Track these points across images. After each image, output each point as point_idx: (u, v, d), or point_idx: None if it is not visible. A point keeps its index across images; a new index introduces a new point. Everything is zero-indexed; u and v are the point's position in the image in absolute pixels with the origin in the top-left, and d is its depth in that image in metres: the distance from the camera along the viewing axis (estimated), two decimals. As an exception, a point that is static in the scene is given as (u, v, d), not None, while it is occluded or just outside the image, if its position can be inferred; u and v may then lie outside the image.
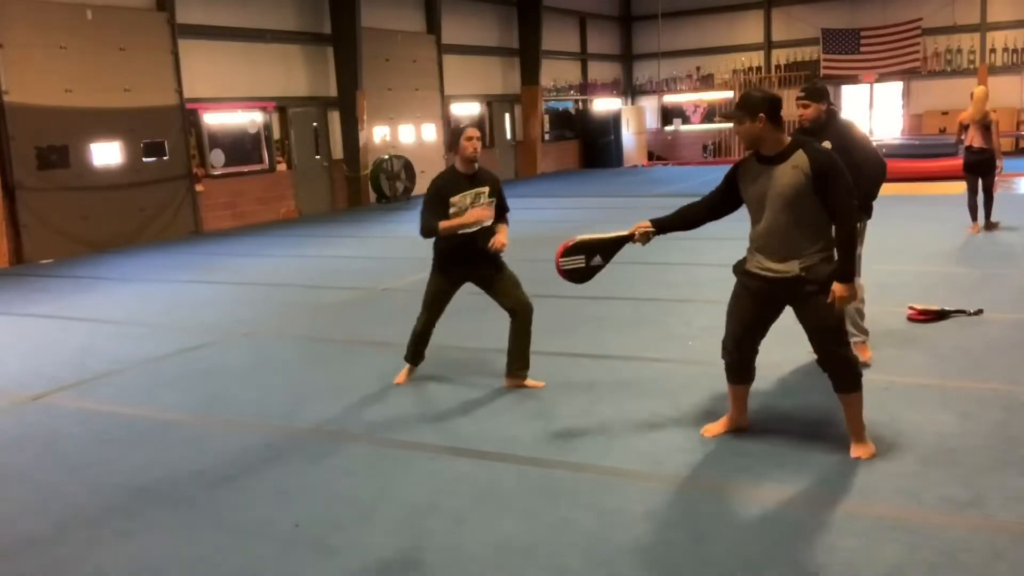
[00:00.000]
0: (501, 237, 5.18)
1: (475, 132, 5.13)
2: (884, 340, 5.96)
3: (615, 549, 3.36)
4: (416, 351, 5.50)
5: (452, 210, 5.08)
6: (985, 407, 4.66)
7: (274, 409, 5.25)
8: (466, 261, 5.21)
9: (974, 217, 10.64)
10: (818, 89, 5.35)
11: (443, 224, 5.06)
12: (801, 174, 3.86)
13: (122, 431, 5.03)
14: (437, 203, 5.12)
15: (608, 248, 4.42)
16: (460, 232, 5.09)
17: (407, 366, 5.55)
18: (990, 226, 10.57)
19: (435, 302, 5.35)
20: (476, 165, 5.19)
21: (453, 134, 5.14)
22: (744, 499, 3.75)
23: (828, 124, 5.28)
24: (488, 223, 5.15)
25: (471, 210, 5.08)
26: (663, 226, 4.33)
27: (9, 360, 6.80)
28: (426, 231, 5.14)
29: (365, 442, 4.67)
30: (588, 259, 4.41)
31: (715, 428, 4.43)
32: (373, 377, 5.68)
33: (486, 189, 5.16)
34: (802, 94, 5.32)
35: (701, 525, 3.52)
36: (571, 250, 4.40)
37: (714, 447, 4.29)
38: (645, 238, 4.32)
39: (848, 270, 3.90)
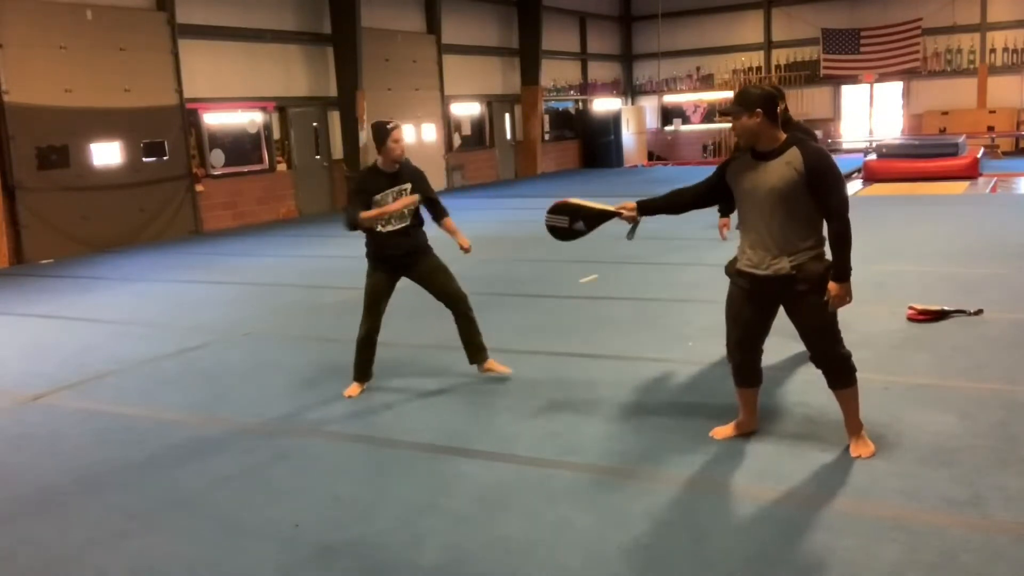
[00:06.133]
0: (462, 240, 5.45)
1: (401, 134, 5.22)
2: (884, 340, 5.97)
3: (615, 549, 3.36)
4: (361, 366, 5.41)
5: (376, 208, 5.21)
6: (985, 407, 4.66)
7: (274, 409, 5.25)
8: (397, 255, 5.30)
9: None
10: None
11: (364, 214, 5.15)
12: (794, 171, 3.85)
13: (122, 431, 5.03)
14: (360, 199, 5.24)
15: (592, 217, 4.52)
16: (386, 229, 5.19)
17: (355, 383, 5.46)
18: None
19: (374, 302, 5.34)
20: (399, 163, 5.28)
21: (379, 132, 5.16)
22: (744, 499, 3.75)
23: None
24: (412, 208, 5.26)
25: (390, 202, 5.20)
26: (649, 208, 4.40)
27: (9, 360, 6.81)
28: (350, 224, 5.22)
29: (365, 442, 4.67)
30: (572, 222, 4.55)
31: (724, 431, 4.42)
32: (372, 377, 5.68)
33: (408, 185, 5.26)
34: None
35: (701, 525, 3.52)
36: (558, 208, 4.56)
37: (714, 447, 4.29)
38: (631, 219, 4.39)
39: (844, 269, 3.89)
